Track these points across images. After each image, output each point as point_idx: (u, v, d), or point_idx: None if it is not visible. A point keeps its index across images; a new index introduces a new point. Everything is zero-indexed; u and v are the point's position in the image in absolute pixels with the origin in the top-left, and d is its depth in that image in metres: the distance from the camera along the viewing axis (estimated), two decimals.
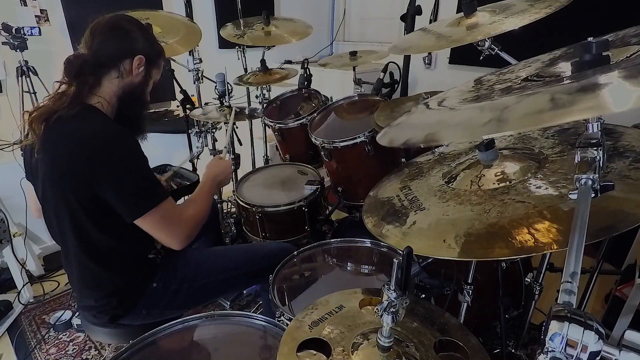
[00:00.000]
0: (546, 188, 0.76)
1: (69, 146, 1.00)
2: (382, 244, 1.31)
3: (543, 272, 1.23)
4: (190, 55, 2.03)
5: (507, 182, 0.83)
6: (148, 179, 1.07)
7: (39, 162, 1.05)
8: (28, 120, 1.03)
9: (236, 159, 2.12)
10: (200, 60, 2.07)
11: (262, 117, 2.09)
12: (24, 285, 2.11)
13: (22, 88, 2.19)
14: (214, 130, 2.08)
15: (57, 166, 1.01)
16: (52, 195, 1.05)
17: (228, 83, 1.92)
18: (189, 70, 2.09)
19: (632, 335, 0.40)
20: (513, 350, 1.38)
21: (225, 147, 1.65)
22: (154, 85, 1.22)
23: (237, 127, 2.11)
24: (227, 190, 2.26)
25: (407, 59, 2.38)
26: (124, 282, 1.15)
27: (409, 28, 2.14)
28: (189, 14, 2.18)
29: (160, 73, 1.22)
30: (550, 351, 0.39)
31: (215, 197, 2.00)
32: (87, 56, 1.07)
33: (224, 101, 1.96)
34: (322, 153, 1.78)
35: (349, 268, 1.32)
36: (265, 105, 2.26)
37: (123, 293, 1.16)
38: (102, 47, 1.07)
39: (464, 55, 2.86)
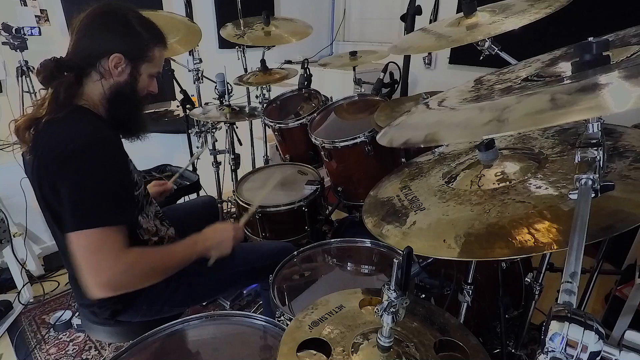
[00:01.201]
0: (546, 188, 0.76)
1: (52, 148, 0.97)
2: (382, 244, 1.31)
3: (543, 272, 1.22)
4: (190, 55, 2.04)
5: (507, 182, 0.83)
6: (108, 195, 0.96)
7: (27, 164, 1.04)
8: (14, 129, 1.02)
9: (236, 159, 2.13)
10: (200, 60, 2.07)
11: (262, 117, 2.09)
12: (24, 285, 2.11)
13: (22, 88, 2.19)
14: (214, 130, 2.09)
15: (41, 166, 0.99)
16: (40, 195, 1.04)
17: (228, 83, 1.93)
18: (189, 70, 2.09)
19: (632, 335, 0.40)
20: (513, 350, 1.38)
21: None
22: (155, 79, 1.13)
23: (237, 127, 2.11)
24: (227, 190, 2.26)
25: (407, 59, 2.38)
26: None
27: (409, 28, 2.14)
28: (189, 14, 2.19)
29: (156, 66, 1.11)
30: (550, 351, 0.39)
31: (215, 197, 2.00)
32: (64, 59, 1.03)
33: (223, 101, 1.96)
34: (322, 153, 1.77)
35: (349, 268, 1.32)
36: (265, 105, 2.26)
37: None
38: (76, 48, 1.03)
39: (464, 55, 2.86)
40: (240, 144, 2.19)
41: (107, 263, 0.94)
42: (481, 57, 1.25)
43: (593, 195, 0.54)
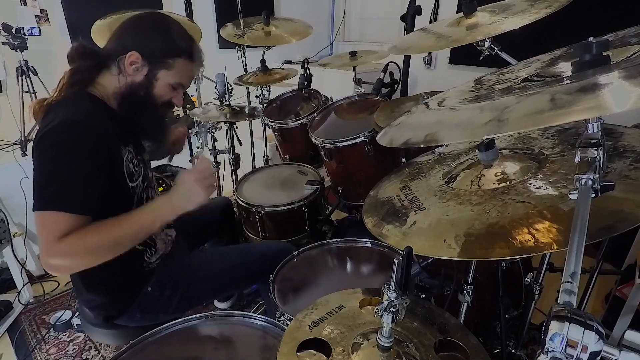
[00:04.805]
0: (546, 188, 0.76)
1: (39, 130, 0.98)
2: (382, 244, 1.31)
3: (543, 272, 1.22)
4: None
5: (507, 182, 0.83)
6: (70, 182, 0.93)
7: None
8: (31, 112, 1.04)
9: (236, 159, 2.13)
10: None
11: (262, 117, 2.09)
12: (24, 285, 2.11)
13: (22, 88, 2.20)
14: (214, 130, 2.09)
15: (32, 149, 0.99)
16: None
17: (228, 83, 1.93)
18: None
19: (632, 336, 0.40)
20: (513, 350, 1.38)
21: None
22: (181, 93, 1.14)
23: (237, 127, 2.11)
24: (227, 190, 2.26)
25: (407, 59, 2.38)
26: (117, 283, 1.13)
27: (409, 28, 2.14)
28: (189, 13, 2.20)
29: (176, 76, 1.09)
30: (550, 351, 0.39)
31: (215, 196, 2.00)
32: (91, 47, 1.09)
33: (223, 101, 1.97)
34: (322, 153, 1.77)
35: (349, 268, 1.32)
36: (265, 105, 2.26)
37: (116, 294, 1.13)
38: (107, 43, 1.09)
39: (464, 55, 2.86)
40: (240, 144, 2.19)
41: (45, 247, 0.92)
42: (481, 57, 1.25)
43: (593, 195, 0.54)
